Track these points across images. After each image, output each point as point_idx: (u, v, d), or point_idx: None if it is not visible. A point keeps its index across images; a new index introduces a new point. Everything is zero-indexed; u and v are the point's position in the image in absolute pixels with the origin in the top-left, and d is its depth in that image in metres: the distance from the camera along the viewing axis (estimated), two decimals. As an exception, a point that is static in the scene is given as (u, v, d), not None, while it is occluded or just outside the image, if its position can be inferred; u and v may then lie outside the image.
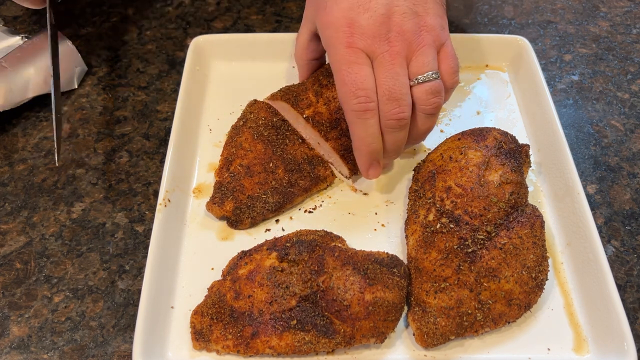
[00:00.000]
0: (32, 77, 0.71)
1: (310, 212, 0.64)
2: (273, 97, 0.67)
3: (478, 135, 0.61)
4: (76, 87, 0.76)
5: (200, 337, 0.52)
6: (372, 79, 0.55)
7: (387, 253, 0.54)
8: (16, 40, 0.75)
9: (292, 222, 0.63)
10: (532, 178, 0.66)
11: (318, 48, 0.65)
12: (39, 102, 0.73)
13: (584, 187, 0.64)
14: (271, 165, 0.62)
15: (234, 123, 0.67)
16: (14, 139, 0.71)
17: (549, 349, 0.54)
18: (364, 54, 0.55)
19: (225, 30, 0.85)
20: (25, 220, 0.63)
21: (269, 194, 0.61)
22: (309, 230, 0.57)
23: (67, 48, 0.75)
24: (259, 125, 0.65)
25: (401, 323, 0.55)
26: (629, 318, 0.53)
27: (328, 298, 0.51)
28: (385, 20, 0.55)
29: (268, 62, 0.77)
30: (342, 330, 0.50)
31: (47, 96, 0.73)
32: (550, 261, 0.59)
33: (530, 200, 0.60)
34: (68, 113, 0.74)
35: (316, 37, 0.62)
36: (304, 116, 0.64)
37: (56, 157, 0.61)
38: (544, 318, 0.56)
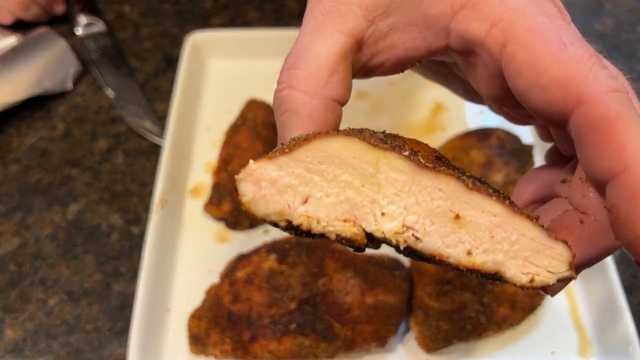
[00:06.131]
0: (25, 78, 0.70)
1: (309, 212, 0.63)
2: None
3: (481, 134, 0.60)
4: (71, 87, 0.75)
5: (198, 341, 0.51)
6: None
7: (388, 255, 0.54)
8: (10, 41, 0.74)
9: (292, 223, 0.62)
10: (536, 178, 0.65)
11: (349, 75, 0.33)
12: (34, 102, 0.72)
13: (589, 187, 0.63)
14: (270, 165, 0.61)
15: (232, 122, 0.66)
16: (9, 139, 0.70)
17: (553, 353, 0.53)
18: None
19: (223, 27, 0.84)
20: (19, 222, 0.62)
21: (267, 195, 0.60)
22: (309, 232, 0.56)
23: (61, 48, 0.74)
24: (258, 125, 0.64)
25: (403, 326, 0.54)
26: (634, 321, 0.52)
27: (328, 301, 0.50)
28: None
29: (267, 59, 0.75)
30: (343, 334, 0.50)
31: (41, 96, 0.72)
32: (554, 263, 0.58)
33: (534, 200, 0.59)
34: (63, 112, 0.73)
35: (356, 48, 0.33)
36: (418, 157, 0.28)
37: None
38: (548, 321, 0.55)
